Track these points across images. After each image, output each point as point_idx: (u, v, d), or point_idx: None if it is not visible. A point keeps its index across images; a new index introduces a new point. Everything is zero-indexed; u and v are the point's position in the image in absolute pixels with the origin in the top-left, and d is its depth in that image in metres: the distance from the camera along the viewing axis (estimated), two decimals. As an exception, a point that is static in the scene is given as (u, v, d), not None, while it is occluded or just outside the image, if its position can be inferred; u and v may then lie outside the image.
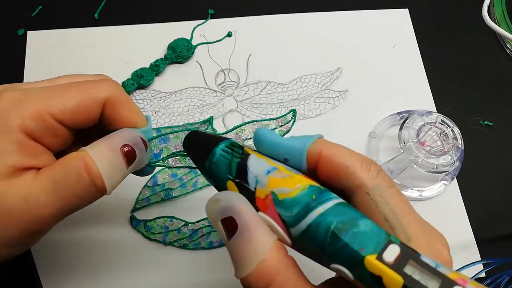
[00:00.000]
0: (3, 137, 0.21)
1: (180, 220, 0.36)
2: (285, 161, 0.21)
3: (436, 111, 0.42)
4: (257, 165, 0.20)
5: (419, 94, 0.43)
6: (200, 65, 0.43)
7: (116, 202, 0.37)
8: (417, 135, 0.36)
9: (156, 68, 0.41)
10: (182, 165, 0.28)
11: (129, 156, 0.23)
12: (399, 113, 0.40)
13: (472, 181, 0.40)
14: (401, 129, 0.37)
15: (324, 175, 0.20)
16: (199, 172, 0.37)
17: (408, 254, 0.16)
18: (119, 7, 0.45)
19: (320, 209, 0.18)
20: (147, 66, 0.42)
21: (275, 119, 0.31)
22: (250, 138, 0.29)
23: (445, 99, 0.43)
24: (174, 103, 0.41)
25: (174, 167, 0.28)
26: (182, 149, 0.27)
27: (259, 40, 0.44)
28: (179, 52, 0.42)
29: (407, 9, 0.47)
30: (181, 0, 0.46)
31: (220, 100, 0.41)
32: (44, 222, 0.21)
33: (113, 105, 0.24)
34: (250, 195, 0.20)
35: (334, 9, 0.46)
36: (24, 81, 0.41)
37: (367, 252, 0.16)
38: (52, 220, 0.22)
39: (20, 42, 0.42)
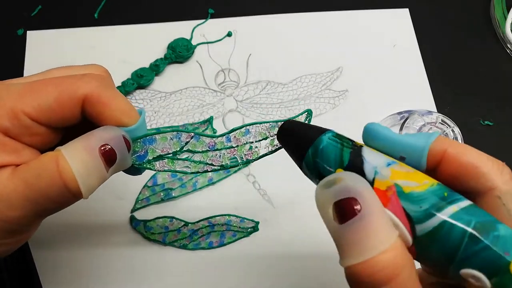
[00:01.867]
0: None
1: (180, 220, 0.36)
2: (401, 159, 0.19)
3: (436, 111, 0.42)
4: (374, 156, 0.18)
5: (419, 94, 0.43)
6: (200, 65, 0.43)
7: (116, 202, 0.37)
8: None
9: (156, 68, 0.41)
10: (170, 169, 0.25)
11: (108, 156, 0.21)
12: (399, 113, 0.40)
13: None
14: (401, 129, 0.37)
15: (448, 175, 0.18)
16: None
17: None
18: (119, 7, 0.45)
19: (455, 207, 0.16)
20: (147, 66, 0.42)
21: (286, 120, 0.28)
22: (252, 143, 0.26)
23: (445, 99, 0.43)
24: (174, 103, 0.41)
25: (160, 171, 0.25)
26: (170, 152, 0.25)
27: (259, 40, 0.44)
28: (179, 52, 0.42)
29: (407, 9, 0.47)
30: (181, 0, 0.46)
31: (220, 100, 0.41)
32: (17, 223, 0.20)
33: (93, 103, 0.22)
34: None
35: (334, 9, 0.46)
36: (24, 81, 0.41)
37: None
38: (26, 221, 0.21)
39: (20, 42, 0.42)
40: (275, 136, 0.25)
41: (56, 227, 0.36)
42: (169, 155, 0.25)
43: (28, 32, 0.43)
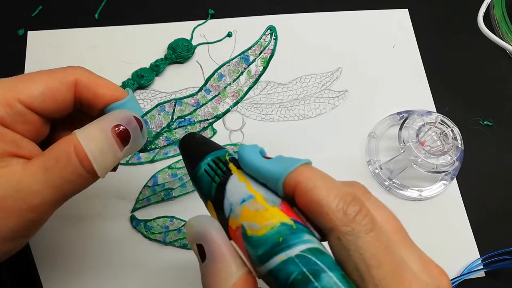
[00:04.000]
0: None
1: (180, 220, 0.36)
2: (264, 185, 0.19)
3: (435, 111, 0.42)
4: (234, 190, 0.19)
5: (418, 94, 0.43)
6: (200, 65, 0.43)
7: (116, 202, 0.37)
8: (417, 135, 0.36)
9: (156, 68, 0.41)
10: (173, 140, 0.26)
11: (122, 136, 0.22)
12: (399, 113, 0.40)
13: (472, 181, 0.40)
14: (400, 129, 0.37)
15: (301, 206, 0.18)
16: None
17: None
18: (119, 7, 0.45)
19: (283, 256, 0.16)
20: (147, 66, 0.42)
21: (250, 48, 0.27)
22: (231, 83, 0.26)
23: (444, 99, 0.43)
24: (174, 103, 0.41)
25: (166, 146, 0.26)
26: (165, 126, 0.26)
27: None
28: (179, 52, 0.42)
29: (407, 9, 0.47)
30: (181, 0, 0.46)
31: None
32: (39, 210, 0.21)
33: (85, 85, 0.23)
34: (224, 222, 0.19)
35: (334, 9, 0.46)
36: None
37: None
38: (47, 208, 0.21)
39: (20, 42, 0.42)
40: (249, 67, 0.26)
41: (56, 227, 0.36)
42: (165, 128, 0.26)
43: (28, 32, 0.43)
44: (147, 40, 0.43)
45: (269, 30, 0.27)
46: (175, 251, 0.36)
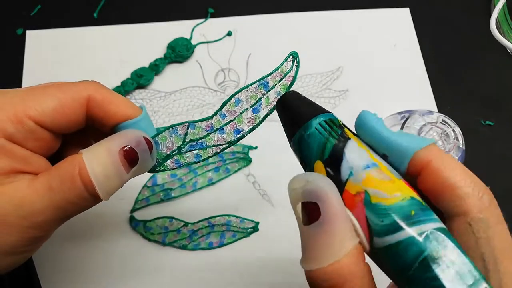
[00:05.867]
0: None
1: (180, 220, 0.36)
2: (383, 157, 0.18)
3: (437, 111, 0.42)
4: (356, 154, 0.18)
5: (420, 93, 0.43)
6: (199, 64, 0.42)
7: (115, 202, 0.37)
8: (418, 135, 0.36)
9: (156, 68, 0.41)
10: (183, 163, 0.25)
11: (130, 157, 0.21)
12: (400, 113, 0.40)
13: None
14: (402, 129, 0.37)
15: (425, 188, 0.17)
16: (199, 173, 0.37)
17: None
18: (118, 7, 0.45)
19: (417, 230, 0.15)
20: (147, 65, 0.41)
21: (270, 74, 0.26)
22: (247, 109, 0.25)
23: (446, 99, 0.43)
24: (173, 102, 0.41)
25: (176, 168, 0.25)
26: (175, 148, 0.25)
27: (259, 40, 0.44)
28: (179, 52, 0.41)
29: (408, 8, 0.47)
30: (181, 0, 0.46)
31: (220, 99, 0.41)
32: (41, 228, 0.21)
33: (98, 102, 0.22)
34: (339, 185, 0.17)
35: (335, 8, 0.46)
36: (23, 80, 0.41)
37: None
38: (49, 226, 0.21)
39: (19, 41, 0.42)
40: (268, 94, 0.25)
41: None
42: (176, 151, 0.25)
43: (27, 31, 0.43)
44: (146, 39, 0.43)
45: (291, 56, 0.26)
46: (174, 251, 0.36)
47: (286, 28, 0.45)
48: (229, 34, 0.44)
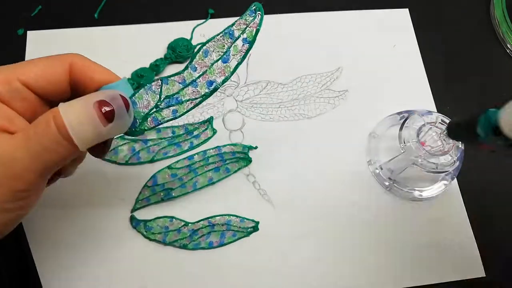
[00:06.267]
0: None
1: (180, 220, 0.36)
2: None
3: (436, 111, 0.42)
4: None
5: (419, 94, 0.43)
6: (200, 65, 0.43)
7: (116, 202, 0.37)
8: (417, 135, 0.36)
9: (156, 68, 0.41)
10: (160, 120, 0.26)
11: (105, 110, 0.22)
12: (399, 113, 0.40)
13: (473, 181, 0.40)
14: (401, 129, 0.37)
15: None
16: (199, 172, 0.38)
17: None
18: (119, 7, 0.45)
19: None
20: (147, 66, 0.42)
21: (234, 24, 0.26)
22: (217, 60, 0.25)
23: (445, 99, 0.43)
24: (174, 103, 0.41)
25: (154, 127, 0.26)
26: (153, 106, 0.25)
27: (259, 40, 0.44)
28: (179, 52, 0.42)
29: (407, 9, 0.47)
30: (181, 0, 0.46)
31: (220, 100, 0.41)
32: (23, 179, 0.21)
33: (80, 68, 0.25)
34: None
35: (334, 9, 0.46)
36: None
37: None
38: (31, 177, 0.22)
39: (20, 42, 0.42)
40: (236, 43, 0.25)
41: (56, 226, 0.36)
42: (153, 109, 0.25)
43: (28, 32, 0.43)
44: (147, 40, 0.43)
45: (254, 7, 0.26)
46: (174, 251, 0.36)
47: (285, 29, 0.45)
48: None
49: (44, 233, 0.35)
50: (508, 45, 0.45)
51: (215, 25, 0.44)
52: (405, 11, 0.47)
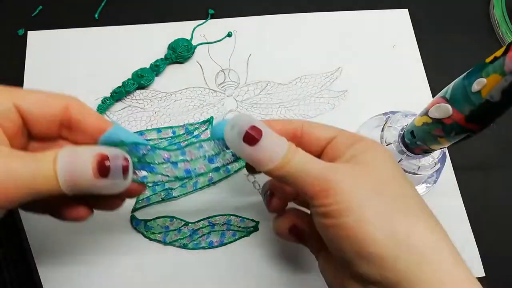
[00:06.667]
0: None
1: (180, 220, 0.37)
2: None
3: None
4: None
5: (418, 94, 0.43)
6: (200, 65, 0.43)
7: (116, 202, 0.37)
8: (399, 135, 0.36)
9: (156, 68, 0.41)
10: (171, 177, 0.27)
11: (101, 165, 0.22)
12: (385, 114, 0.40)
13: (472, 181, 0.40)
14: (383, 130, 0.37)
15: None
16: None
17: None
18: (119, 7, 0.45)
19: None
20: (147, 66, 0.42)
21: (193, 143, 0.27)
22: (205, 157, 0.27)
23: (445, 99, 0.43)
24: (174, 103, 0.41)
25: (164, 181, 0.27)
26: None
27: (259, 40, 0.44)
28: (179, 52, 0.42)
29: (407, 9, 0.47)
30: (181, 0, 0.46)
31: (220, 100, 0.41)
32: (8, 194, 0.21)
33: (77, 109, 0.25)
34: None
35: (334, 9, 0.46)
36: (25, 80, 0.41)
37: None
38: (16, 195, 0.21)
39: (21, 42, 0.42)
40: (228, 150, 0.27)
41: (56, 227, 0.36)
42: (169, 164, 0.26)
43: (28, 32, 0.43)
44: (147, 40, 0.43)
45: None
46: (175, 251, 0.36)
47: (285, 29, 0.45)
48: (229, 35, 0.44)
49: (44, 233, 0.35)
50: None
51: (215, 25, 0.44)
52: (405, 12, 0.47)
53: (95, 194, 0.23)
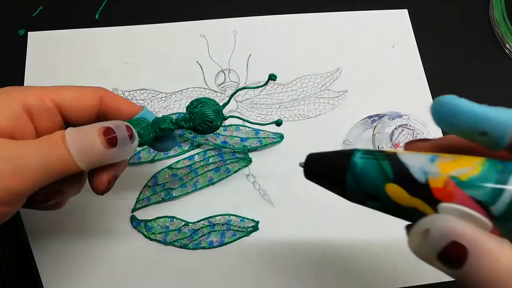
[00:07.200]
0: (3, 103, 0.22)
1: (181, 220, 0.37)
2: (481, 135, 0.17)
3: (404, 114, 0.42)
4: (413, 158, 0.18)
5: (418, 94, 0.43)
6: (200, 65, 0.43)
7: (116, 202, 0.37)
8: (391, 139, 0.36)
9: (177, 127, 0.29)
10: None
11: (109, 136, 0.23)
12: (369, 117, 0.40)
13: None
14: (374, 134, 0.37)
15: None
16: (200, 173, 0.38)
17: None
18: (119, 8, 0.45)
19: None
20: (147, 67, 0.42)
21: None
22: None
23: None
24: (174, 103, 0.41)
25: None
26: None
27: (259, 40, 0.44)
28: (199, 128, 0.29)
29: (406, 10, 0.47)
30: (181, 1, 0.46)
31: (220, 100, 0.41)
32: (25, 180, 0.22)
33: (110, 99, 0.26)
34: (423, 190, 0.17)
35: (334, 9, 0.46)
36: (25, 81, 0.41)
37: None
38: (32, 179, 0.22)
39: (21, 42, 0.42)
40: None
41: (57, 227, 0.36)
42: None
43: (29, 32, 0.43)
44: (148, 41, 0.43)
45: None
46: (175, 251, 0.36)
47: (285, 30, 0.45)
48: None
49: (45, 233, 0.36)
50: (507, 46, 0.46)
51: (215, 26, 0.44)
52: (404, 12, 0.47)
53: (108, 163, 0.25)
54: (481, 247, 0.15)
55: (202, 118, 0.28)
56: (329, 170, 0.21)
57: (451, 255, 0.16)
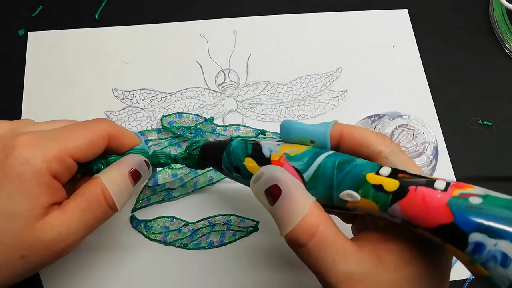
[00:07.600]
0: (34, 181, 0.23)
1: (181, 220, 0.37)
2: (311, 143, 0.24)
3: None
4: (268, 142, 0.25)
5: (418, 94, 0.43)
6: (200, 65, 0.43)
7: (116, 202, 0.37)
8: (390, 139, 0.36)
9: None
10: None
11: (135, 177, 0.28)
12: (370, 117, 0.40)
13: (472, 181, 0.40)
14: None
15: (347, 148, 0.24)
16: (200, 173, 0.38)
17: (398, 171, 0.21)
18: (119, 8, 0.45)
19: (325, 154, 0.23)
20: (147, 68, 0.42)
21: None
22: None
23: (444, 99, 0.43)
24: (174, 103, 0.41)
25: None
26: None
27: (259, 40, 0.44)
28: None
29: (407, 10, 0.47)
30: (181, 1, 0.46)
31: (220, 100, 0.41)
32: (73, 245, 0.25)
33: (116, 137, 0.29)
34: (266, 161, 0.24)
35: (334, 9, 0.46)
36: (25, 81, 0.41)
37: (366, 171, 0.21)
38: (79, 242, 0.25)
39: (21, 42, 0.42)
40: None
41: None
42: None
43: (29, 32, 0.43)
44: (148, 41, 0.43)
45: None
46: (175, 251, 0.36)
47: (285, 29, 0.45)
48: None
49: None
50: (507, 45, 0.46)
51: (216, 26, 0.44)
52: (404, 12, 0.47)
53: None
54: (289, 191, 0.22)
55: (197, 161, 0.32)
56: (213, 150, 0.28)
57: (272, 192, 0.22)
